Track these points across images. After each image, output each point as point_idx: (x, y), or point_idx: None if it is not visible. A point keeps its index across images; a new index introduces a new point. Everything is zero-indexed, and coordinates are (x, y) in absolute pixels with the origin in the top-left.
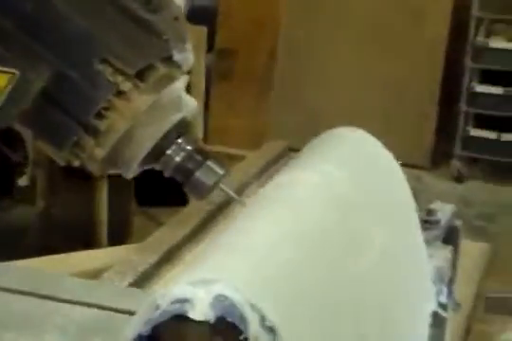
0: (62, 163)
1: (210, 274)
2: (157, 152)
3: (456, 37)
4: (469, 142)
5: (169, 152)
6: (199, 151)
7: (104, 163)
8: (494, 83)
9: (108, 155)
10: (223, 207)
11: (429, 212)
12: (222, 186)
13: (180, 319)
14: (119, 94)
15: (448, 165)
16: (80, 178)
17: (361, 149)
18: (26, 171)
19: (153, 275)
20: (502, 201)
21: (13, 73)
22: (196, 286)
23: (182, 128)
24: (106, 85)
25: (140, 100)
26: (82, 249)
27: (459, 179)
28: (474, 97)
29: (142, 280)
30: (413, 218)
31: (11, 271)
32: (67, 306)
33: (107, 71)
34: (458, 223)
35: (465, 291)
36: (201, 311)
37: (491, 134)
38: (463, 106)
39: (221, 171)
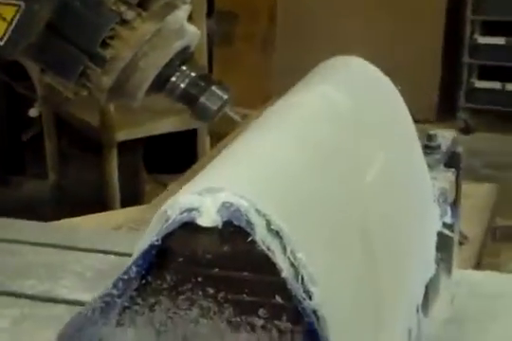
0: (70, 95)
1: (215, 183)
2: (162, 79)
3: None
4: (474, 94)
5: (173, 78)
6: (203, 77)
7: (111, 92)
8: (496, 34)
9: (114, 84)
10: None
11: (430, 137)
12: (227, 110)
13: (189, 228)
14: (123, 23)
15: (453, 117)
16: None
17: (362, 73)
18: (35, 105)
19: None
20: (509, 150)
21: (18, 5)
22: (203, 195)
23: (185, 56)
24: (110, 14)
25: (144, 28)
26: None
27: (465, 131)
28: (477, 48)
29: None
30: (415, 141)
31: (30, 226)
32: (84, 254)
33: (110, 1)
34: (459, 148)
35: (474, 228)
36: (209, 217)
37: (496, 85)
38: (466, 58)
39: (225, 96)
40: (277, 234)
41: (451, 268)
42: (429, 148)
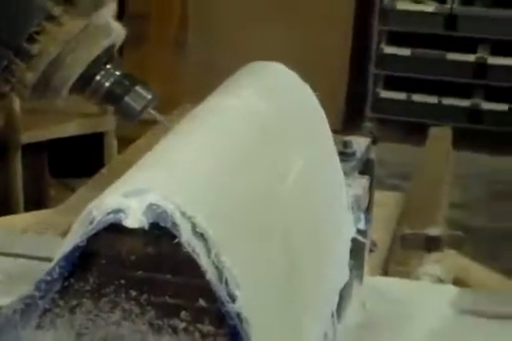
0: None
1: (141, 185)
2: (87, 77)
3: (364, 1)
4: (380, 104)
5: (98, 77)
6: (127, 76)
7: (35, 89)
8: (402, 45)
9: (38, 80)
10: None
11: (345, 144)
12: (150, 110)
13: (114, 229)
14: (50, 18)
15: (359, 127)
16: None
17: (280, 78)
18: None
19: None
20: (414, 160)
21: None
22: (129, 197)
23: (110, 54)
24: (37, 10)
25: (71, 24)
26: None
27: (371, 141)
28: (383, 59)
29: None
30: (332, 147)
31: None
32: None
33: None
34: (372, 155)
35: (382, 236)
36: (135, 219)
37: (401, 96)
38: (372, 68)
39: (149, 96)
40: (202, 237)
41: (363, 274)
42: (344, 154)
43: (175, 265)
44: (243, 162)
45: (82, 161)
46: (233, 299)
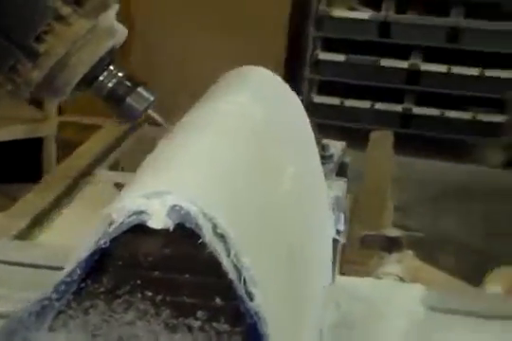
0: None
1: (161, 186)
2: (90, 77)
3: (300, 7)
4: (314, 108)
5: (101, 78)
6: (129, 77)
7: (38, 87)
8: (336, 51)
9: (43, 80)
10: (86, 174)
11: (323, 147)
12: (150, 111)
13: (137, 232)
14: (59, 18)
15: None
16: None
17: (268, 84)
18: None
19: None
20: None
21: None
22: (150, 198)
23: (113, 55)
24: (46, 9)
25: (79, 25)
26: None
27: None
28: (317, 64)
29: None
30: (315, 152)
31: None
32: None
33: None
34: (347, 158)
35: None
36: (159, 220)
37: (334, 101)
38: (307, 74)
39: (151, 97)
40: (222, 237)
41: (335, 274)
42: (323, 158)
43: (197, 265)
44: (250, 165)
45: (17, 166)
46: (251, 298)
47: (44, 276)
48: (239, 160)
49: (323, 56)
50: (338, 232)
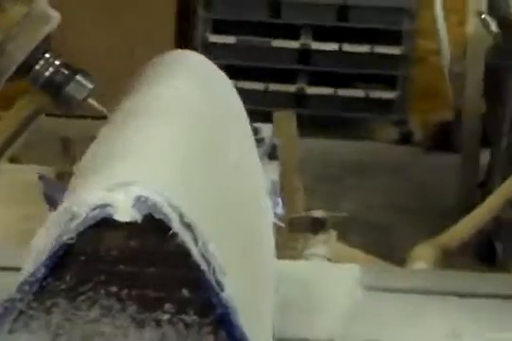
0: None
1: (122, 177)
2: (26, 65)
3: None
4: None
5: (37, 67)
6: (67, 65)
7: None
8: (227, 33)
9: None
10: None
11: (255, 131)
12: (90, 100)
13: (100, 225)
14: None
15: None
16: None
17: (200, 67)
18: None
19: None
20: None
21: None
22: (113, 190)
23: (48, 42)
24: None
25: (13, 11)
26: None
27: None
28: (208, 47)
29: None
30: (251, 135)
31: None
32: None
33: None
34: (275, 140)
35: None
36: (125, 212)
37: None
38: None
39: (90, 85)
40: (188, 227)
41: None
42: (255, 141)
43: (164, 257)
44: (202, 149)
45: None
46: (221, 288)
47: None
48: (192, 146)
49: (214, 38)
50: (276, 216)
